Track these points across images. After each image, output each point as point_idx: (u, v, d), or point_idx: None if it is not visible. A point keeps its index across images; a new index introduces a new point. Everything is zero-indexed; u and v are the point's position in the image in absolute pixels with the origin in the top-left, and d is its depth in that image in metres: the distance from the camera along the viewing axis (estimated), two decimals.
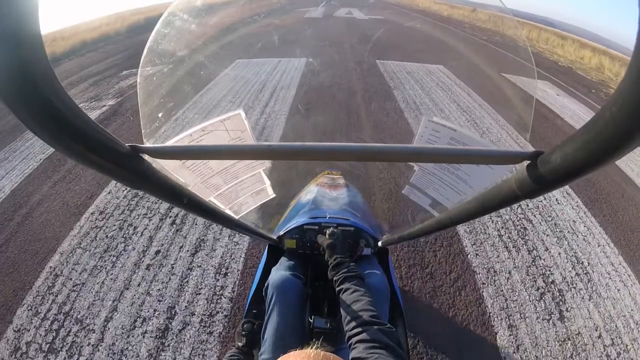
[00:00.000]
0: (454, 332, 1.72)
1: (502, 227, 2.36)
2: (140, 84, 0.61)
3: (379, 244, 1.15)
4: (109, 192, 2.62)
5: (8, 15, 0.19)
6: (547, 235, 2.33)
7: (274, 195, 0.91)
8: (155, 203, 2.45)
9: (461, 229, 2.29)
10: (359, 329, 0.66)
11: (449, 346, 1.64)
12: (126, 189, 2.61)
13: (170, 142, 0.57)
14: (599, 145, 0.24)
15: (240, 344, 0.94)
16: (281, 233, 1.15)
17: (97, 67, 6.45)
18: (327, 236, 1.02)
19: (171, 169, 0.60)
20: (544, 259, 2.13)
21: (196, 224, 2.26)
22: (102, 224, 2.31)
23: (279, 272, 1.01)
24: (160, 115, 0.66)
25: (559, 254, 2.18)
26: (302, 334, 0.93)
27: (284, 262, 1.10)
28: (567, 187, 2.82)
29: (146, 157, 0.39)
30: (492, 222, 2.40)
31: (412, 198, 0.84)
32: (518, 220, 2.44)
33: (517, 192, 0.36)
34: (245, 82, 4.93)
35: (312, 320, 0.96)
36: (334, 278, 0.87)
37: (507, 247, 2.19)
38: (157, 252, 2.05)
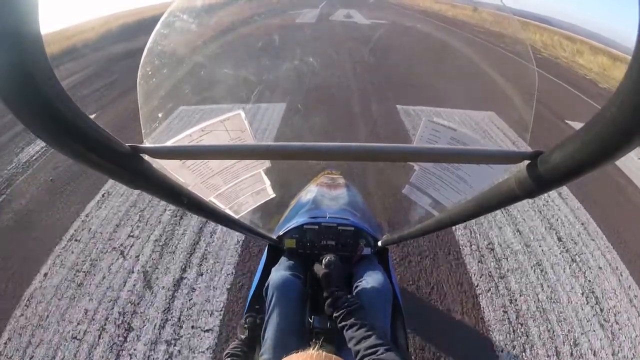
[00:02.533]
0: None
1: None
2: (140, 84, 0.61)
3: (379, 243, 1.15)
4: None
5: (8, 15, 0.19)
6: None
7: (274, 195, 0.91)
8: None
9: None
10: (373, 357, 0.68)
11: None
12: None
13: (170, 142, 0.57)
14: (599, 145, 0.24)
15: (243, 337, 0.96)
16: (281, 233, 1.15)
17: None
18: (322, 266, 1.01)
19: (171, 168, 0.60)
20: None
21: None
22: None
23: (279, 272, 1.01)
24: (160, 115, 0.66)
25: None
26: (302, 334, 0.94)
27: (284, 262, 1.10)
28: None
29: (146, 157, 0.39)
30: None
31: (412, 198, 0.84)
32: None
33: (517, 191, 0.36)
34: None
35: (312, 320, 0.96)
36: (334, 314, 0.86)
37: None
38: None
